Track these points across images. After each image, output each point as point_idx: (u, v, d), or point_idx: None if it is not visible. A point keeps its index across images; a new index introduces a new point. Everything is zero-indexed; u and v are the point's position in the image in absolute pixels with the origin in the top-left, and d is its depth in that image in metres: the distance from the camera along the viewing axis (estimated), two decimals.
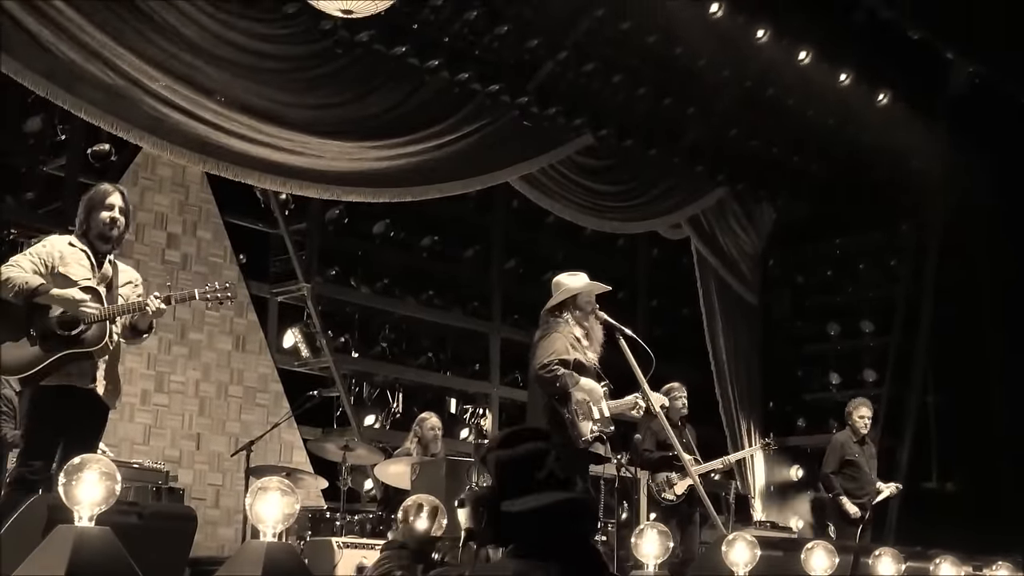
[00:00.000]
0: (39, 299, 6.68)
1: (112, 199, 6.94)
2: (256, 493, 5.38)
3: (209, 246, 12.36)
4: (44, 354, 6.67)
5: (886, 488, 12.28)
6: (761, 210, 16.69)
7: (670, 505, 11.54)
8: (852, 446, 12.07)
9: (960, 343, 15.48)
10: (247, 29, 10.83)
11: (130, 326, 7.04)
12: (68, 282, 6.76)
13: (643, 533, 7.26)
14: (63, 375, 6.72)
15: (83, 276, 6.82)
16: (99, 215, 6.91)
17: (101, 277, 6.93)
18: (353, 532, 9.48)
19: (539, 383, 8.34)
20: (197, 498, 11.36)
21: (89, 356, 6.81)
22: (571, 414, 8.18)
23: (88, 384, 6.83)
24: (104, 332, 6.85)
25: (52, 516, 5.67)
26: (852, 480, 12.01)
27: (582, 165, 13.98)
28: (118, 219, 6.94)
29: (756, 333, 16.99)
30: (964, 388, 15.53)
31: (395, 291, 14.24)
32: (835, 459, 12.06)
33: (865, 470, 12.10)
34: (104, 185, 7.09)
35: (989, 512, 14.31)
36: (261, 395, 12.59)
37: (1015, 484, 14.75)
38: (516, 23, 12.45)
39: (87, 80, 9.77)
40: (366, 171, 11.78)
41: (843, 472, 12.03)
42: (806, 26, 13.88)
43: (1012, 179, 14.47)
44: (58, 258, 6.80)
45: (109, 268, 7.01)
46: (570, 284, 8.51)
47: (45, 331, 6.71)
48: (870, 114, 14.88)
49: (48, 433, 6.71)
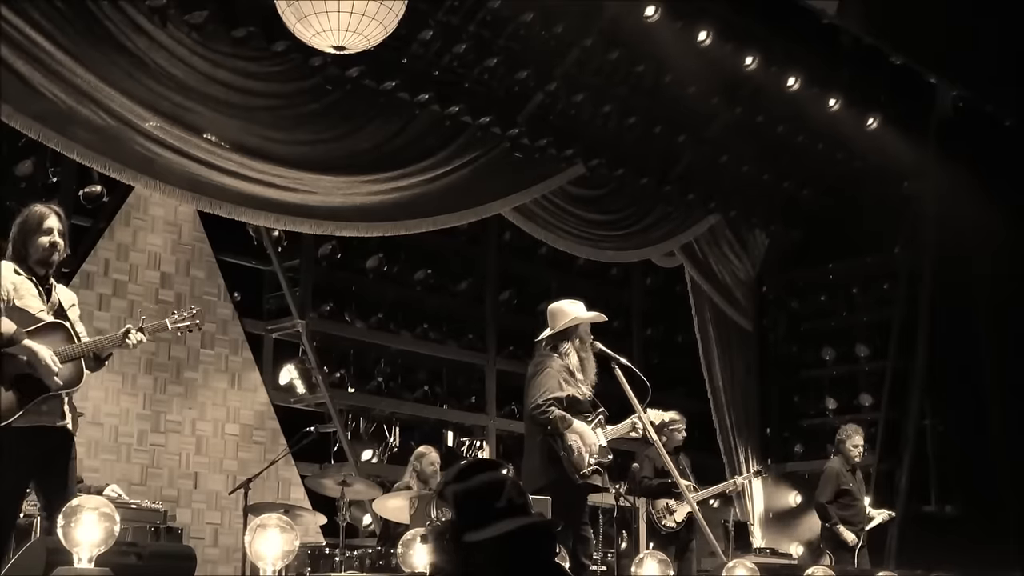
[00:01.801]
0: (12, 350, 6.44)
1: (50, 222, 6.70)
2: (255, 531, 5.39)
3: (203, 284, 12.34)
4: (18, 399, 6.46)
5: (878, 515, 12.29)
6: (754, 236, 16.71)
7: (668, 533, 11.54)
8: (846, 475, 12.08)
9: (956, 365, 15.48)
10: (237, 67, 10.85)
11: (93, 356, 6.89)
12: (26, 316, 6.53)
13: (643, 562, 7.27)
14: (33, 415, 6.51)
15: (38, 308, 6.62)
16: (37, 240, 6.66)
17: (51, 306, 6.72)
18: (353, 567, 9.42)
19: (532, 422, 8.38)
20: (196, 537, 11.33)
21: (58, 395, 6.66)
22: (566, 451, 8.20)
23: (58, 422, 6.64)
24: (80, 371, 6.71)
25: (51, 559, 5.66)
26: (847, 508, 12.03)
27: (574, 195, 14.00)
28: (58, 242, 6.70)
29: (752, 359, 16.98)
30: (961, 411, 15.53)
31: (390, 325, 14.22)
32: (831, 488, 12.06)
33: (859, 497, 12.11)
34: (39, 206, 6.82)
35: (988, 535, 14.28)
36: (258, 432, 12.56)
37: (1014, 507, 14.74)
38: (505, 55, 12.48)
39: (79, 122, 9.77)
40: (359, 205, 11.79)
41: (838, 501, 12.03)
42: (794, 52, 13.96)
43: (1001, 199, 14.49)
44: (12, 290, 6.56)
45: (56, 295, 6.87)
46: (571, 311, 8.54)
47: (18, 374, 6.49)
48: (860, 138, 14.94)
49: (20, 474, 6.53)
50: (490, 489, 3.33)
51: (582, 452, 8.25)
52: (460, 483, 3.38)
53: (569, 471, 8.23)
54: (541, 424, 8.25)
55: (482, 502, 3.31)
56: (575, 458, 8.22)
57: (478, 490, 3.34)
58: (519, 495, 3.35)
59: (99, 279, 11.50)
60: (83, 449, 10.61)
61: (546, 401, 8.20)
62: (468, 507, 3.31)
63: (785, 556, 13.78)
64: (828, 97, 14.30)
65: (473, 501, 3.32)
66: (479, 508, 3.30)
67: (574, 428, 8.23)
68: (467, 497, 3.33)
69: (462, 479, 3.39)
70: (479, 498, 3.32)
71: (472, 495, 3.34)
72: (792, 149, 15.23)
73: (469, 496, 3.33)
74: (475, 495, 3.33)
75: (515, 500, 3.33)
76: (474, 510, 3.30)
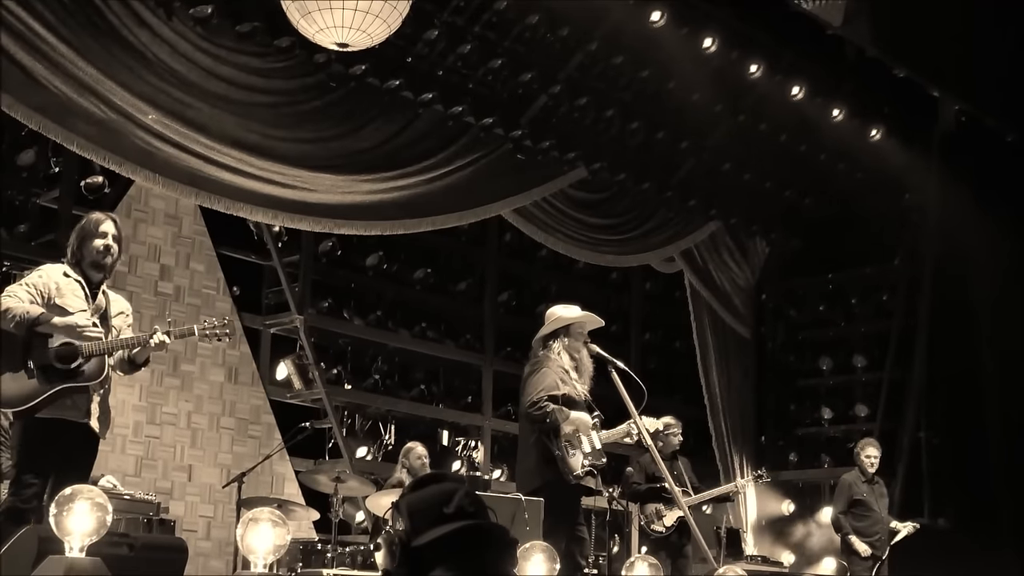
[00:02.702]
0: (40, 328, 6.65)
1: (105, 227, 6.95)
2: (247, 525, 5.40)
3: (202, 278, 12.36)
4: (42, 387, 6.63)
5: (903, 527, 12.30)
6: (754, 244, 16.73)
7: (660, 537, 11.55)
8: (860, 486, 12.16)
9: (953, 378, 15.50)
10: (240, 63, 10.86)
11: (128, 359, 7.04)
12: (64, 313, 6.74)
13: (633, 566, 7.28)
14: (58, 408, 6.69)
15: (79, 308, 6.81)
16: (92, 243, 6.91)
17: (95, 308, 6.92)
18: (344, 564, 9.44)
19: (528, 420, 8.39)
20: (188, 530, 11.35)
21: (84, 390, 6.78)
22: (561, 450, 8.21)
23: (82, 418, 6.79)
24: (103, 366, 6.83)
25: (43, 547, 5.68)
26: (862, 519, 12.11)
27: (575, 198, 14.02)
28: (112, 247, 6.94)
29: (749, 367, 16.99)
30: (957, 423, 15.54)
31: (388, 323, 14.23)
32: (844, 500, 12.16)
33: (875, 509, 12.15)
34: (96, 213, 7.10)
35: (983, 548, 14.28)
36: (253, 427, 12.57)
37: (1007, 519, 14.74)
38: (510, 57, 12.50)
39: (79, 114, 9.79)
40: (358, 204, 11.80)
41: (852, 512, 12.11)
42: (799, 61, 13.98)
43: (1002, 213, 14.51)
44: (54, 289, 6.78)
45: (103, 299, 7.01)
46: (564, 315, 8.58)
47: (43, 364, 6.67)
48: (863, 149, 14.96)
49: (40, 466, 6.67)
50: (440, 497, 3.40)
51: (581, 440, 8.27)
52: (413, 493, 3.46)
53: (564, 471, 8.25)
54: (537, 420, 8.26)
55: (431, 510, 3.37)
56: (570, 459, 8.23)
57: (428, 498, 3.41)
58: (471, 504, 3.41)
59: None
60: None
61: (541, 398, 8.22)
62: (418, 514, 3.38)
63: (776, 564, 13.79)
64: (832, 107, 14.33)
65: (423, 509, 3.39)
66: (428, 515, 3.37)
67: (571, 419, 8.24)
68: (417, 505, 3.40)
69: (415, 489, 3.47)
70: (429, 506, 3.39)
71: (423, 503, 3.40)
72: (794, 158, 15.24)
73: (419, 504, 3.40)
74: (425, 503, 3.40)
75: (465, 508, 3.39)
76: (423, 517, 3.37)
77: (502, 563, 3.42)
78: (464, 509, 3.38)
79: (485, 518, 3.44)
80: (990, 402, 15.33)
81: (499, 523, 3.48)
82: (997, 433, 15.25)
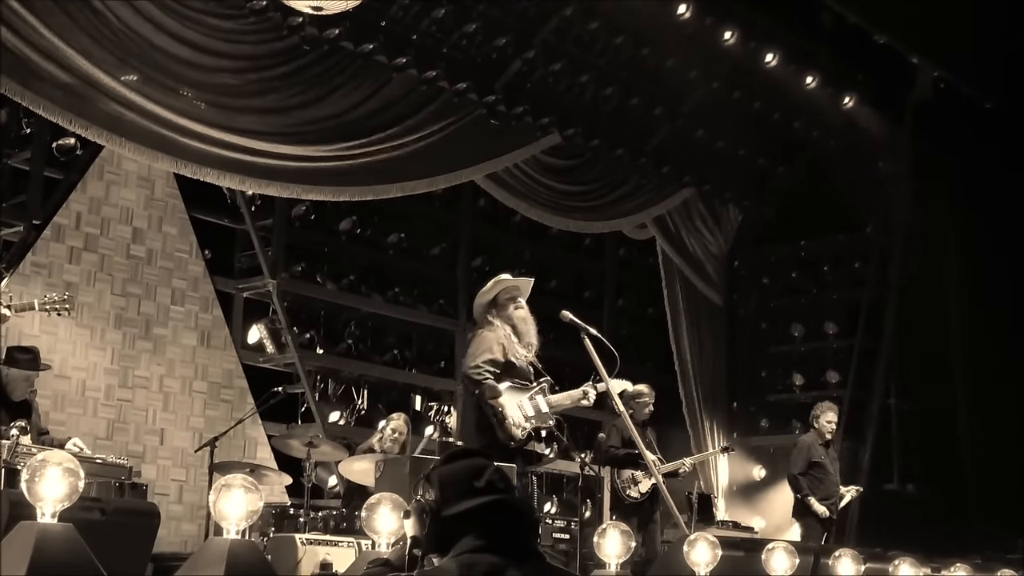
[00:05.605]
0: None
1: None
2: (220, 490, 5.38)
3: (175, 241, 12.31)
4: None
5: (847, 492, 12.40)
6: (727, 211, 16.75)
7: (632, 503, 11.60)
8: (818, 448, 12.19)
9: (923, 346, 15.58)
10: (210, 25, 10.78)
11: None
12: None
13: (605, 532, 7.30)
14: None
15: None
16: None
17: None
18: (316, 529, 9.45)
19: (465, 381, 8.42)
20: (160, 494, 11.34)
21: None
22: (497, 417, 8.22)
23: None
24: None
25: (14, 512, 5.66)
26: (818, 482, 12.13)
27: (548, 164, 14.01)
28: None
29: (721, 334, 17.04)
30: (926, 391, 15.64)
31: (361, 288, 14.21)
32: (802, 460, 12.18)
33: (831, 472, 12.21)
34: None
35: (949, 514, 14.40)
36: (226, 391, 12.55)
37: (975, 486, 14.86)
38: (484, 21, 12.48)
39: (44, 78, 9.70)
40: (329, 169, 11.76)
41: (810, 474, 12.15)
42: (773, 29, 13.98)
43: (976, 182, 14.57)
44: None
45: None
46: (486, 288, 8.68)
47: None
48: (836, 117, 14.99)
49: None
50: (471, 471, 3.57)
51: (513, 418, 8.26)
52: (445, 466, 3.62)
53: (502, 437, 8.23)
54: (473, 383, 8.28)
55: (462, 483, 3.54)
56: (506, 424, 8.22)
57: (460, 471, 3.58)
58: (501, 480, 3.58)
59: (70, 232, 11.45)
60: (49, 402, 10.63)
61: (479, 364, 8.26)
62: (449, 486, 3.54)
63: (747, 529, 13.86)
64: (806, 75, 14.34)
65: (454, 481, 3.55)
66: (459, 487, 3.53)
67: (499, 401, 8.24)
68: (449, 477, 3.57)
69: (447, 463, 3.64)
70: (460, 479, 3.56)
71: (454, 476, 3.57)
72: (768, 125, 15.28)
73: (451, 477, 3.57)
74: (457, 476, 3.57)
75: (496, 483, 3.56)
76: (454, 489, 3.53)
77: (527, 536, 3.58)
78: (494, 484, 3.56)
79: (512, 494, 3.63)
80: (959, 369, 15.44)
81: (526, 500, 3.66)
82: (965, 400, 15.36)
